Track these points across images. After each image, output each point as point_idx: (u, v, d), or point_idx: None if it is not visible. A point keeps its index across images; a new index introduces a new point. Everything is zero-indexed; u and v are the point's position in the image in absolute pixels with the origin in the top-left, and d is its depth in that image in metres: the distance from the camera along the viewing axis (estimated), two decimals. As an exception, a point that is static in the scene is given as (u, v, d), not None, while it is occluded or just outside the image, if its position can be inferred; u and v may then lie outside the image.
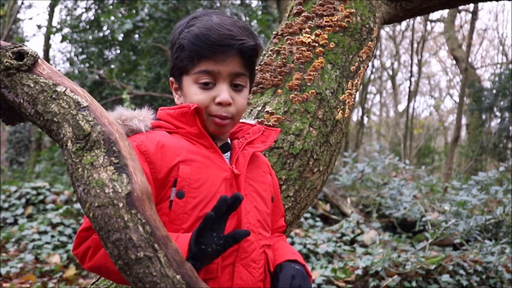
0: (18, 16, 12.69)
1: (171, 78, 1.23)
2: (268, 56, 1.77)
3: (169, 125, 1.16)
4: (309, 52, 1.74)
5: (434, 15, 20.90)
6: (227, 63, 1.12)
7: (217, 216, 0.94)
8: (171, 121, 1.16)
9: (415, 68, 16.11)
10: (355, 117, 17.06)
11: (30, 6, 17.92)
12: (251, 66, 1.19)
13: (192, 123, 1.14)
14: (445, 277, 3.54)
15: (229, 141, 1.23)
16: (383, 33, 16.58)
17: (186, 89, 1.17)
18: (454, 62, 15.58)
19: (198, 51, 1.11)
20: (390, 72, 18.89)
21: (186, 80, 1.16)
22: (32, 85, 0.92)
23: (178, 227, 1.06)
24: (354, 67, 1.81)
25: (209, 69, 1.12)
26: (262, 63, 1.76)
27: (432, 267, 3.62)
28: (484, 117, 12.07)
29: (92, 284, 1.45)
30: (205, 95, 1.13)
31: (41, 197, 5.33)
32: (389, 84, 20.88)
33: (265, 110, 1.65)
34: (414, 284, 3.50)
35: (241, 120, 1.27)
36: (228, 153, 1.20)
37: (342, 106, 1.75)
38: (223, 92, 1.13)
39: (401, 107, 21.06)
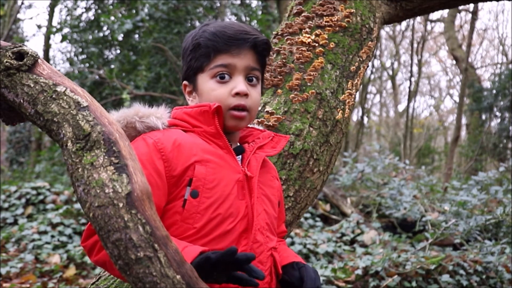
0: (18, 16, 12.69)
1: (184, 82, 1.26)
2: (268, 56, 1.77)
3: (185, 124, 1.18)
4: (309, 52, 1.74)
5: (434, 15, 20.89)
6: (242, 57, 1.18)
7: (219, 262, 0.92)
8: (188, 120, 1.18)
9: (415, 68, 16.09)
10: (355, 117, 17.06)
11: (30, 6, 17.95)
12: (263, 62, 1.24)
13: (210, 122, 1.16)
14: (445, 277, 3.54)
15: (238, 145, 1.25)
16: (383, 33, 16.58)
17: (202, 87, 1.20)
18: (454, 62, 15.57)
19: (215, 46, 1.17)
20: (390, 72, 18.88)
21: (202, 77, 1.20)
22: (32, 85, 0.92)
23: (190, 226, 1.07)
24: (354, 67, 1.81)
25: (225, 63, 1.17)
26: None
27: (432, 267, 3.61)
28: (484, 117, 12.07)
29: (92, 284, 1.45)
30: (223, 89, 1.17)
31: (41, 197, 5.33)
32: (389, 84, 20.89)
33: (265, 110, 1.65)
34: (414, 284, 3.50)
35: (250, 125, 1.30)
36: (240, 156, 1.21)
37: (342, 106, 1.75)
38: (239, 83, 1.17)
39: (401, 107, 21.07)
